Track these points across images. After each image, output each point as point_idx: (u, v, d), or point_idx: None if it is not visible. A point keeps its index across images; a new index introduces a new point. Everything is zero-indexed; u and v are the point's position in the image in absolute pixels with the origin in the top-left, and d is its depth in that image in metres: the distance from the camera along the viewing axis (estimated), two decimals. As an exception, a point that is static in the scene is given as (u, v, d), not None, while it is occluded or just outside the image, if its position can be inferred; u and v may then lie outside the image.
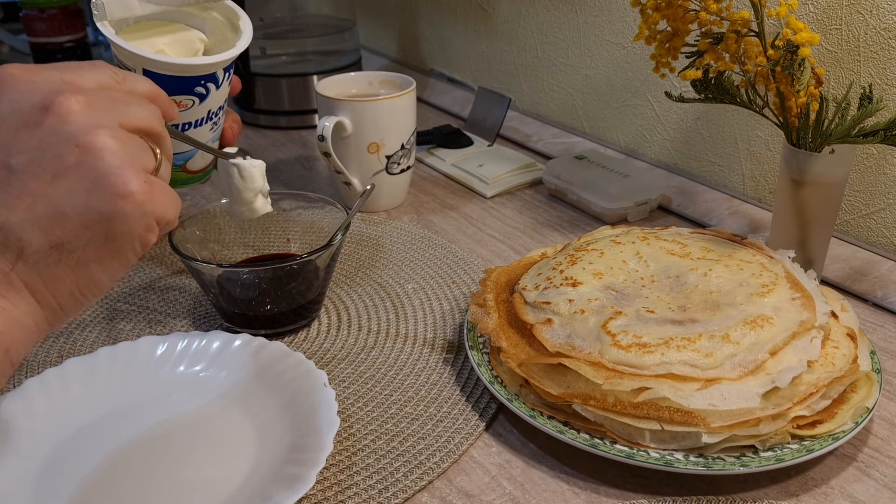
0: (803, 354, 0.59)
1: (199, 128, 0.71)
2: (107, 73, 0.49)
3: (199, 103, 0.69)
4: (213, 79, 0.68)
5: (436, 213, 1.00)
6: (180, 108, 0.68)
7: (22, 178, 0.44)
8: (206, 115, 0.70)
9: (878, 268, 0.82)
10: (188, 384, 0.67)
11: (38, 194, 0.44)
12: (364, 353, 0.73)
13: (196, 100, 0.68)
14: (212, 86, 0.69)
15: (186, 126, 0.70)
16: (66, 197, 0.44)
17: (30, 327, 0.45)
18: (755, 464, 0.56)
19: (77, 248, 0.45)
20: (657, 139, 1.09)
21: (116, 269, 0.47)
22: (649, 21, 0.77)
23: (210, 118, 0.71)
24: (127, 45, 0.63)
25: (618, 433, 0.58)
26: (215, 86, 0.69)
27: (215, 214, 0.80)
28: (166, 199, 0.48)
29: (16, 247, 0.44)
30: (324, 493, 0.58)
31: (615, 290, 0.68)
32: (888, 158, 0.82)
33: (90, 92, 0.46)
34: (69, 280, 0.46)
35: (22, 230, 0.43)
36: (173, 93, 0.67)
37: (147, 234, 0.47)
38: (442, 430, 0.64)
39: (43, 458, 0.59)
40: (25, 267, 0.44)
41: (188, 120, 0.70)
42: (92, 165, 0.44)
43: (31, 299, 0.45)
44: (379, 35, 1.64)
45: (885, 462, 0.60)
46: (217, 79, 0.68)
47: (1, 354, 0.44)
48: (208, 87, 0.68)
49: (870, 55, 0.80)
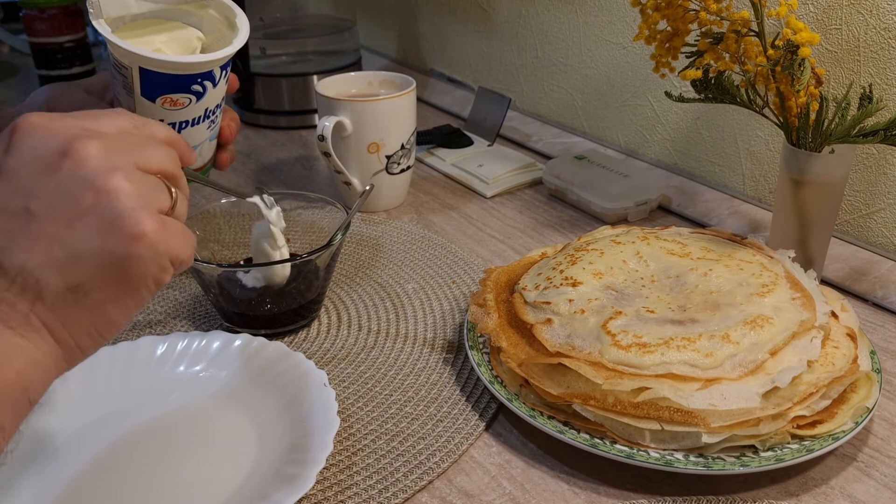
0: (803, 354, 0.60)
1: (196, 126, 0.71)
2: (126, 120, 0.50)
3: (196, 101, 0.69)
4: (209, 77, 0.68)
5: (436, 213, 1.00)
6: (177, 107, 0.68)
7: (40, 222, 0.45)
8: (203, 114, 0.70)
9: (878, 268, 0.82)
10: (188, 384, 0.67)
11: (56, 237, 0.45)
12: (364, 353, 0.73)
13: (193, 98, 0.68)
14: (209, 84, 0.68)
15: (183, 125, 0.70)
16: (82, 239, 0.45)
17: (48, 367, 0.46)
18: (755, 464, 0.56)
19: (93, 289, 0.45)
20: (657, 139, 1.09)
21: (131, 308, 0.48)
22: (649, 21, 0.77)
23: (207, 116, 0.71)
24: (122, 43, 0.63)
25: (618, 433, 0.58)
26: (212, 84, 0.69)
27: (215, 214, 0.80)
28: (180, 238, 0.48)
29: (34, 289, 0.44)
30: (324, 492, 0.58)
31: (615, 289, 0.68)
32: (888, 158, 0.82)
33: (108, 136, 0.47)
34: (85, 320, 0.46)
35: (40, 273, 0.44)
36: (170, 91, 0.67)
37: (161, 274, 0.47)
38: (442, 429, 0.64)
39: (43, 457, 0.59)
40: (44, 308, 0.45)
41: (185, 118, 0.70)
42: (107, 207, 0.45)
43: (50, 339, 0.46)
44: (379, 35, 1.64)
45: (885, 462, 0.60)
46: (214, 77, 0.68)
47: (19, 393, 0.44)
48: (205, 85, 0.68)
49: (870, 55, 0.80)
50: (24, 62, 1.64)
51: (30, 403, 0.45)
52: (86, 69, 1.43)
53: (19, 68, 1.65)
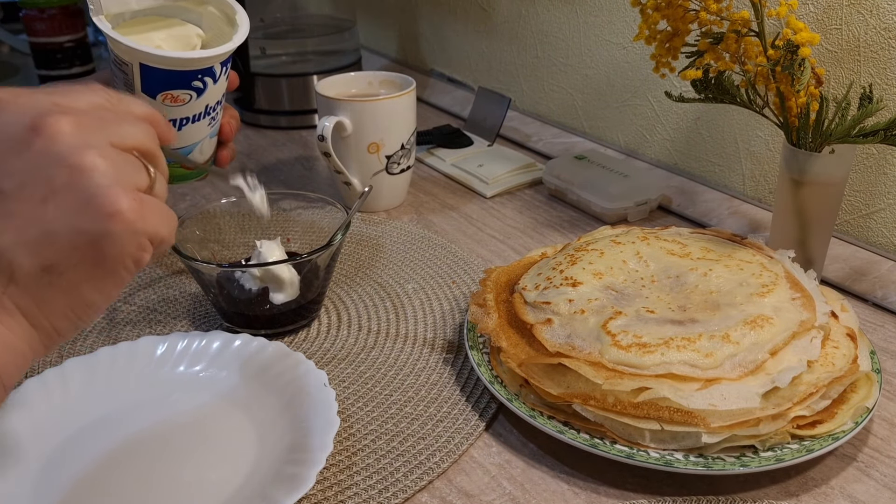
0: (803, 354, 0.60)
1: (197, 123, 0.71)
2: (100, 95, 0.48)
3: (197, 98, 0.69)
4: (210, 73, 0.68)
5: (436, 213, 1.00)
6: (177, 103, 0.68)
7: (12, 201, 0.43)
8: (204, 110, 0.70)
9: (878, 268, 0.82)
10: (188, 384, 0.67)
11: (29, 217, 0.43)
12: (364, 353, 0.73)
13: (193, 94, 0.68)
14: (209, 80, 0.68)
15: (184, 121, 0.70)
16: (55, 218, 0.43)
17: (23, 351, 0.45)
18: (755, 464, 0.56)
19: (68, 269, 0.44)
20: (657, 139, 1.09)
21: (110, 290, 0.47)
22: (649, 21, 0.77)
23: (208, 113, 0.71)
24: (123, 39, 0.63)
25: (618, 433, 0.58)
26: (213, 80, 0.69)
27: (215, 214, 0.80)
28: (159, 217, 0.47)
29: (7, 270, 0.43)
30: (324, 493, 0.58)
31: (615, 290, 0.68)
32: (888, 158, 0.82)
33: (80, 112, 0.46)
34: (62, 302, 0.45)
35: (13, 254, 0.43)
36: (170, 87, 0.67)
37: (140, 254, 0.46)
38: (442, 430, 0.64)
39: (43, 457, 0.59)
40: (17, 290, 0.44)
41: (186, 115, 0.70)
42: (81, 185, 0.43)
43: (25, 322, 0.44)
44: (379, 35, 1.64)
45: (884, 462, 0.60)
46: (214, 73, 0.68)
47: None
48: (205, 81, 0.68)
49: (870, 55, 0.80)
50: (24, 62, 1.64)
51: (4, 388, 0.44)
52: (86, 69, 1.43)
53: (19, 68, 1.65)
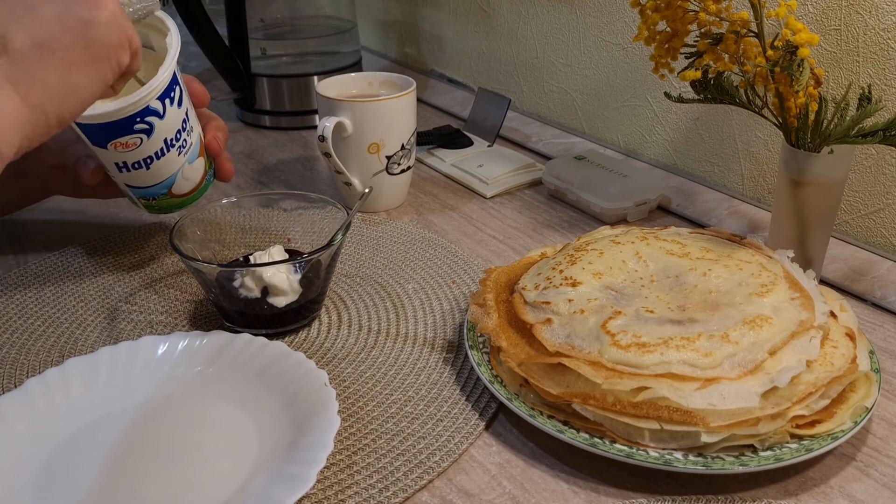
0: (802, 354, 0.60)
1: (164, 157, 0.70)
2: None
3: (149, 138, 0.68)
4: (150, 112, 0.67)
5: (436, 214, 1.01)
6: (130, 148, 0.68)
7: None
8: (166, 145, 0.70)
9: (877, 268, 0.82)
10: (189, 384, 0.67)
11: None
12: (364, 353, 0.74)
13: (143, 136, 0.68)
14: (153, 119, 0.67)
15: (149, 160, 0.70)
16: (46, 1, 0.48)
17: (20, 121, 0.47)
18: (754, 463, 0.56)
19: (59, 49, 0.48)
20: (656, 139, 1.09)
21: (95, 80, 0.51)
22: (649, 22, 0.77)
23: (171, 145, 0.70)
24: None
25: (617, 432, 0.58)
26: (158, 116, 0.68)
27: (216, 215, 0.80)
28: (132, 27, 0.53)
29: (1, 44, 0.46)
30: (324, 492, 0.58)
31: (615, 289, 0.69)
32: (887, 159, 0.82)
33: None
34: (53, 80, 0.48)
35: (6, 29, 0.46)
36: (115, 136, 0.66)
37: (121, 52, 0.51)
38: (442, 429, 0.64)
39: (44, 457, 0.60)
40: (9, 63, 0.47)
41: (146, 155, 0.69)
42: None
43: (15, 95, 0.47)
44: (379, 36, 1.64)
45: (883, 461, 0.60)
46: (155, 110, 0.67)
47: None
48: (149, 121, 0.67)
49: (869, 55, 0.81)
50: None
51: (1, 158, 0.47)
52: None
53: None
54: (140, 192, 0.77)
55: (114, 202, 1.02)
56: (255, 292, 0.72)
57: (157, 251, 0.91)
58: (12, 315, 0.79)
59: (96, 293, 0.83)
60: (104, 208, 1.01)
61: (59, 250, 0.91)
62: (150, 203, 0.79)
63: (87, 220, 0.99)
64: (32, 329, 0.77)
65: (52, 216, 1.00)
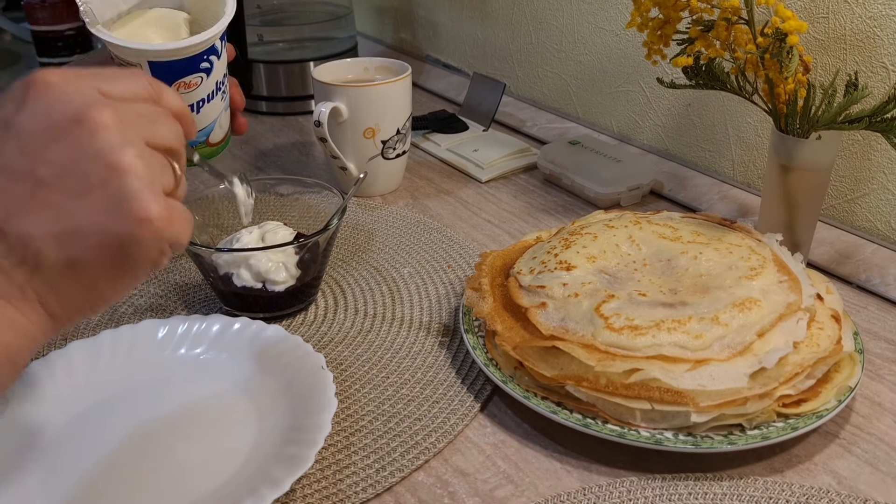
0: (789, 336, 0.61)
1: (212, 102, 0.71)
2: (142, 85, 0.49)
3: (207, 78, 0.69)
4: (213, 51, 0.68)
5: (431, 198, 1.01)
6: (190, 88, 0.68)
7: (47, 191, 0.44)
8: (215, 88, 0.70)
9: (861, 251, 0.83)
10: (189, 366, 0.68)
11: (62, 209, 0.44)
12: (361, 337, 0.75)
13: (203, 76, 0.68)
14: (214, 58, 0.69)
15: (201, 103, 0.70)
16: (87, 215, 0.44)
17: (37, 337, 0.46)
18: (742, 442, 0.57)
19: (91, 266, 0.45)
20: (649, 125, 1.10)
21: (124, 288, 0.48)
22: (641, 9, 0.77)
23: (218, 89, 0.71)
24: (130, 44, 0.63)
25: (609, 413, 0.59)
26: (217, 56, 0.69)
27: (214, 200, 0.81)
28: (182, 223, 0.47)
29: (33, 261, 0.44)
30: (322, 472, 0.59)
31: (608, 273, 0.70)
32: (873, 145, 0.84)
33: (122, 106, 0.46)
34: (79, 295, 0.46)
35: (41, 243, 0.44)
36: (182, 75, 0.67)
37: (160, 258, 0.47)
38: (438, 411, 0.65)
39: (48, 439, 0.61)
40: (40, 280, 0.44)
41: (201, 97, 0.70)
42: (116, 185, 0.44)
43: (41, 311, 0.45)
44: (375, 21, 1.64)
45: (866, 439, 0.61)
46: (217, 49, 0.69)
47: (9, 365, 0.45)
48: (211, 60, 0.68)
49: (856, 43, 0.82)
50: (26, 50, 1.64)
51: (17, 373, 0.46)
52: (87, 58, 1.44)
53: (21, 56, 1.65)
54: None
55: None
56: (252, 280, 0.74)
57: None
58: (14, 300, 0.80)
59: (97, 278, 0.84)
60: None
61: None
62: None
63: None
64: (34, 313, 0.78)
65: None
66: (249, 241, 0.75)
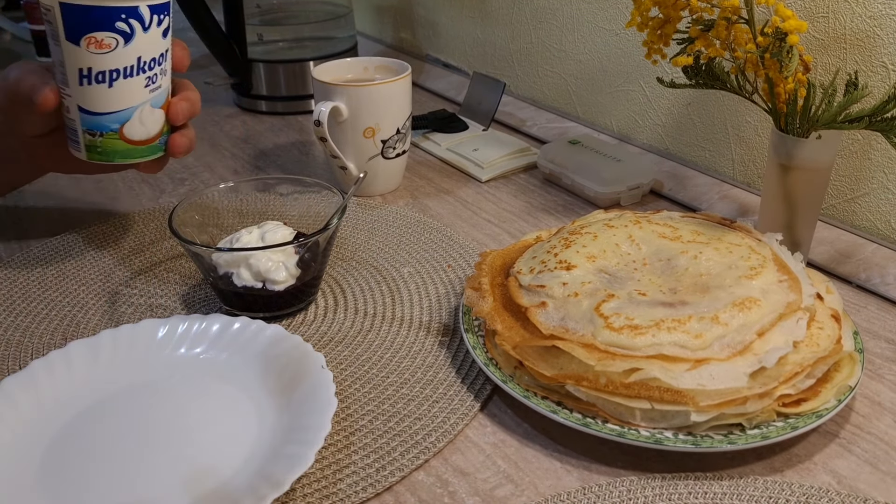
0: (789, 335, 0.61)
1: (130, 79, 0.68)
2: None
3: (124, 44, 0.66)
4: (135, 15, 0.65)
5: (431, 198, 1.01)
6: (103, 49, 0.65)
7: None
8: (137, 64, 0.67)
9: (861, 250, 0.83)
10: (189, 366, 0.68)
11: None
12: (361, 336, 0.75)
13: (119, 39, 0.65)
14: (136, 24, 0.66)
15: (114, 74, 0.67)
16: None
17: None
18: (742, 441, 0.57)
19: None
20: (649, 124, 1.10)
21: None
22: (641, 8, 0.77)
23: (142, 69, 0.68)
24: None
25: (609, 412, 0.59)
26: (141, 26, 0.66)
27: (213, 199, 0.81)
28: None
29: None
30: (322, 471, 0.59)
31: (608, 273, 0.70)
32: (873, 144, 0.84)
33: None
34: None
35: None
36: (93, 28, 0.64)
37: None
38: (438, 410, 0.65)
39: (47, 438, 0.61)
40: None
41: (115, 65, 0.66)
42: None
43: None
44: (375, 21, 1.65)
45: (865, 438, 0.61)
46: (141, 16, 0.66)
47: None
48: (131, 24, 0.65)
49: (856, 42, 0.82)
50: (26, 50, 1.65)
51: None
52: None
53: (20, 56, 1.65)
54: (91, 121, 0.71)
55: (112, 189, 1.03)
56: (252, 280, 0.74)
57: (157, 235, 0.92)
58: (16, 298, 0.80)
59: (97, 277, 0.84)
60: (104, 194, 1.02)
61: (60, 235, 0.92)
62: (95, 141, 0.72)
63: (88, 205, 1.00)
64: (36, 312, 0.78)
65: (53, 202, 1.00)
66: (249, 240, 0.75)
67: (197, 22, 1.18)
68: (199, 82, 1.44)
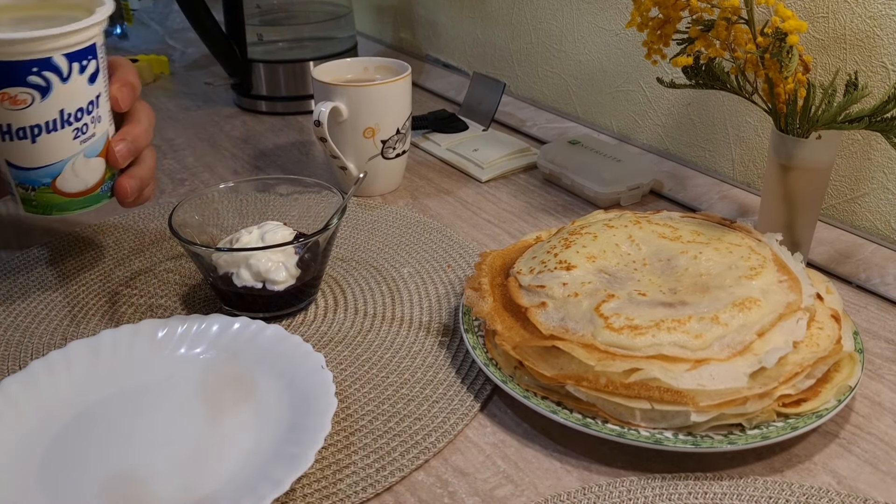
0: (789, 335, 0.61)
1: (56, 133, 0.63)
2: None
3: (42, 99, 0.60)
4: (48, 66, 0.60)
5: (431, 198, 1.01)
6: (18, 105, 0.60)
7: None
8: (61, 117, 0.62)
9: (861, 250, 0.83)
10: (189, 366, 0.68)
11: None
12: (361, 337, 0.75)
13: (35, 94, 0.60)
14: (52, 76, 0.60)
15: (35, 129, 0.62)
16: None
17: None
18: (742, 441, 0.57)
19: None
20: (649, 125, 1.10)
21: None
22: (641, 8, 0.77)
23: (67, 122, 0.62)
24: None
25: (609, 413, 0.59)
26: (59, 77, 0.61)
27: (213, 199, 0.81)
28: None
29: None
30: (322, 471, 0.59)
31: (608, 273, 0.70)
32: (873, 144, 0.84)
33: None
34: None
35: None
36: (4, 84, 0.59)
37: None
38: (437, 410, 0.65)
39: (47, 438, 0.61)
40: None
41: (35, 122, 0.61)
42: None
43: None
44: (374, 21, 1.65)
45: (865, 439, 0.61)
46: (57, 67, 0.60)
47: None
48: (46, 76, 0.60)
49: (855, 43, 0.82)
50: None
51: None
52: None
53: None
54: (21, 175, 0.67)
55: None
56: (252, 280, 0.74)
57: (156, 236, 0.92)
58: (16, 298, 0.80)
59: (97, 277, 0.84)
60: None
61: (59, 235, 0.92)
62: (28, 195, 0.68)
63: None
64: (36, 312, 0.78)
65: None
66: (249, 240, 0.75)
67: (197, 22, 1.18)
68: (199, 82, 1.45)
